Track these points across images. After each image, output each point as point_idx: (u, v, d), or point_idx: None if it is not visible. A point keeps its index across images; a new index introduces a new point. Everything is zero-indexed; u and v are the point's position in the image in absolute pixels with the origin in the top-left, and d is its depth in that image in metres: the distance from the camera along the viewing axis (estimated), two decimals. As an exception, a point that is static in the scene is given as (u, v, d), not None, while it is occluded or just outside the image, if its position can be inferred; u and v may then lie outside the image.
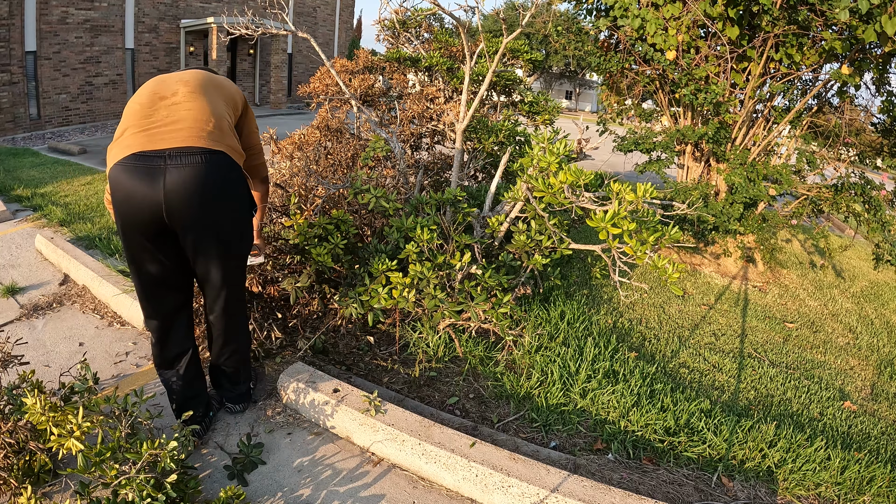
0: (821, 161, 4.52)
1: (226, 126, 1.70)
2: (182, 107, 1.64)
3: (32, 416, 1.53)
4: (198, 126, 1.61)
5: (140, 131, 1.58)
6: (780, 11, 3.66)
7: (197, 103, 1.66)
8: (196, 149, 1.57)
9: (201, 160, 1.57)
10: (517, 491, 1.73)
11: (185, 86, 1.71)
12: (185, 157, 1.55)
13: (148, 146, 1.54)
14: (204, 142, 1.59)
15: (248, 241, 1.86)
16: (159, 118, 1.61)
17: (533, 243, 2.37)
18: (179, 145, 1.55)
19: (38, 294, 3.10)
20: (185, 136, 1.57)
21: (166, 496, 1.47)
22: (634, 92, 5.45)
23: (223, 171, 1.63)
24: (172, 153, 1.54)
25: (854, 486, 2.03)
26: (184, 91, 1.68)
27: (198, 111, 1.64)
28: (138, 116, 1.62)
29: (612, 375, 2.50)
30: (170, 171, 1.53)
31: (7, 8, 9.85)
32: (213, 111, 1.68)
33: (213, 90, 1.77)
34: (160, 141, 1.55)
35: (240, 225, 1.78)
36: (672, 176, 5.48)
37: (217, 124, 1.65)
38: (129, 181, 1.53)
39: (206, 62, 14.97)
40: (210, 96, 1.72)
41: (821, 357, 3.45)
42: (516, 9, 25.42)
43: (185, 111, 1.63)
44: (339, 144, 3.79)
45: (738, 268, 4.79)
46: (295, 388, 2.16)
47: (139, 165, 1.53)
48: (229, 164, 1.66)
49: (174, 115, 1.61)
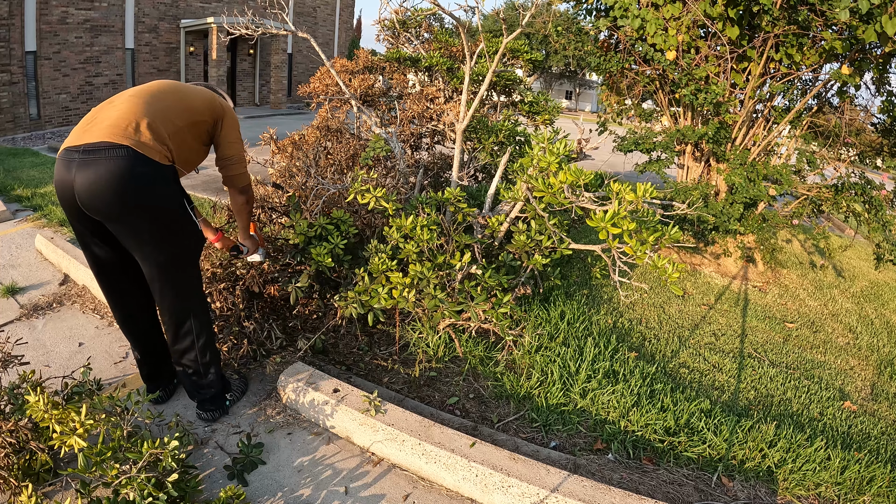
0: (821, 161, 4.52)
1: (150, 127, 1.71)
2: (115, 108, 1.73)
3: (35, 414, 1.53)
4: (117, 124, 1.67)
5: (77, 130, 1.71)
6: (781, 11, 3.66)
7: (129, 105, 1.73)
8: (104, 144, 1.63)
9: (105, 155, 1.63)
10: (517, 491, 1.73)
11: (133, 91, 1.80)
12: (92, 153, 1.63)
13: (72, 142, 1.67)
14: (115, 138, 1.64)
15: (179, 239, 1.84)
16: (96, 118, 1.72)
17: (533, 243, 2.37)
18: (92, 141, 1.64)
19: (38, 294, 3.10)
20: (100, 133, 1.65)
21: (167, 495, 1.47)
22: (634, 92, 5.45)
23: (129, 166, 1.64)
24: (84, 148, 1.63)
25: (854, 486, 2.03)
26: (129, 94, 1.78)
27: (125, 111, 1.70)
28: (87, 116, 1.76)
29: (612, 375, 2.50)
30: (78, 165, 1.63)
31: (7, 8, 9.85)
32: (144, 112, 1.72)
33: (163, 98, 1.81)
34: (82, 137, 1.66)
35: (159, 221, 1.76)
36: (672, 176, 5.48)
37: (139, 124, 1.69)
38: (57, 172, 1.68)
39: (206, 62, 14.97)
40: (151, 101, 1.77)
41: (821, 357, 3.45)
42: (516, 9, 25.43)
43: (115, 111, 1.71)
44: (339, 144, 3.80)
45: (738, 268, 4.79)
46: (295, 388, 2.16)
47: (63, 159, 1.67)
48: (137, 159, 1.65)
49: (105, 114, 1.72)
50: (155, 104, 1.77)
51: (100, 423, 1.59)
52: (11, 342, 2.00)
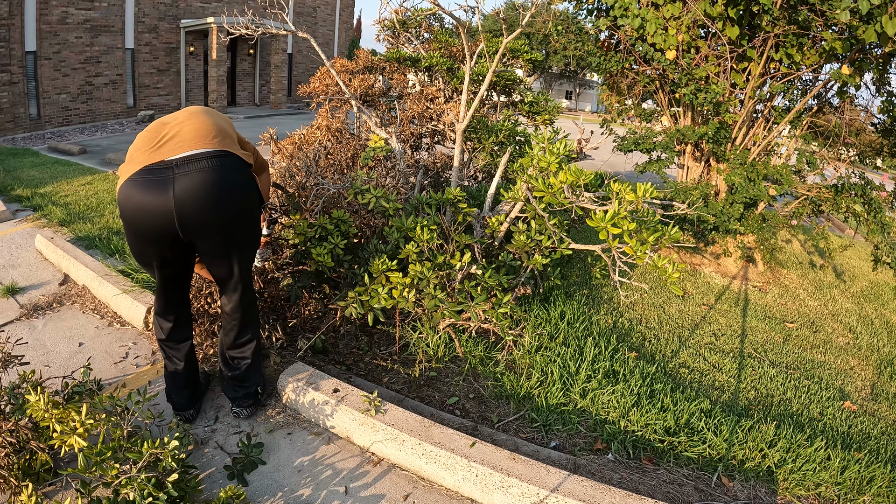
0: (821, 161, 4.52)
1: (230, 134, 1.77)
2: (185, 124, 1.69)
3: (35, 413, 1.54)
4: (201, 134, 1.66)
5: (146, 150, 1.63)
6: (781, 11, 3.66)
7: (198, 118, 1.72)
8: (202, 153, 1.62)
9: (208, 164, 1.62)
10: (517, 491, 1.73)
11: (185, 112, 1.78)
12: (192, 164, 1.60)
13: (154, 159, 1.59)
14: (209, 145, 1.64)
15: (258, 236, 1.96)
16: (164, 137, 1.66)
17: (533, 243, 2.37)
18: (185, 152, 1.60)
19: (38, 294, 3.10)
20: (190, 144, 1.63)
21: (167, 495, 1.47)
22: (634, 92, 5.45)
23: (232, 171, 1.68)
24: (179, 162, 1.59)
25: (854, 486, 2.03)
26: (185, 114, 1.75)
27: (200, 123, 1.70)
28: (144, 141, 1.68)
29: (612, 375, 2.50)
30: (178, 179, 1.58)
31: (7, 8, 9.85)
32: (216, 124, 1.75)
33: (210, 114, 1.84)
34: (166, 153, 1.60)
35: (252, 223, 1.86)
36: (672, 176, 5.48)
37: (220, 132, 1.72)
38: (139, 195, 1.58)
39: (206, 62, 14.97)
40: (209, 115, 1.79)
41: (821, 357, 3.45)
42: (516, 9, 25.42)
43: (188, 125, 1.68)
44: (339, 144, 3.80)
45: (738, 268, 4.79)
46: (295, 388, 2.16)
47: (148, 179, 1.58)
48: (237, 164, 1.71)
49: (178, 131, 1.67)
50: (217, 118, 1.80)
51: (100, 423, 1.59)
52: (12, 342, 2.00)
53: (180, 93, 14.55)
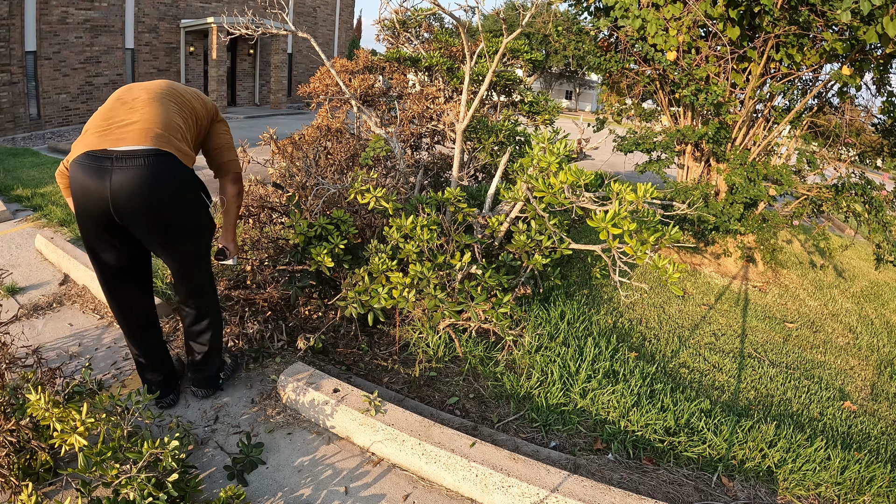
0: (821, 161, 4.52)
1: (175, 132, 1.77)
2: (136, 111, 1.72)
3: (36, 413, 1.53)
4: (148, 126, 1.69)
5: (97, 132, 1.68)
6: (781, 12, 3.66)
7: (150, 108, 1.74)
8: (141, 150, 1.65)
9: (144, 162, 1.65)
10: (517, 491, 1.73)
11: (145, 92, 1.80)
12: (129, 160, 1.63)
13: (99, 145, 1.64)
14: (151, 142, 1.67)
15: (204, 234, 1.95)
16: (115, 120, 1.70)
17: (533, 243, 2.37)
18: (126, 146, 1.64)
19: (38, 294, 3.10)
20: (132, 137, 1.65)
21: (167, 495, 1.47)
22: (634, 92, 5.45)
23: (167, 172, 1.70)
24: (119, 155, 1.63)
25: (854, 486, 2.03)
26: (143, 97, 1.77)
27: (151, 115, 1.72)
28: (100, 118, 1.73)
29: (612, 375, 2.50)
30: (115, 171, 1.62)
31: (7, 8, 9.85)
32: (165, 117, 1.75)
33: (171, 100, 1.84)
34: (111, 142, 1.64)
35: (188, 222, 1.86)
36: (672, 176, 5.48)
37: (166, 128, 1.73)
38: (82, 177, 1.64)
39: (206, 62, 14.98)
40: (165, 105, 1.80)
41: (821, 357, 3.45)
42: (516, 9, 25.42)
43: (138, 114, 1.72)
44: (339, 144, 3.80)
45: (738, 268, 4.79)
46: (295, 388, 2.16)
47: (90, 164, 1.63)
48: (174, 165, 1.72)
49: (128, 117, 1.71)
50: (173, 107, 1.81)
51: (100, 423, 1.59)
52: (12, 342, 2.00)
53: (180, 93, 14.54)
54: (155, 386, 2.09)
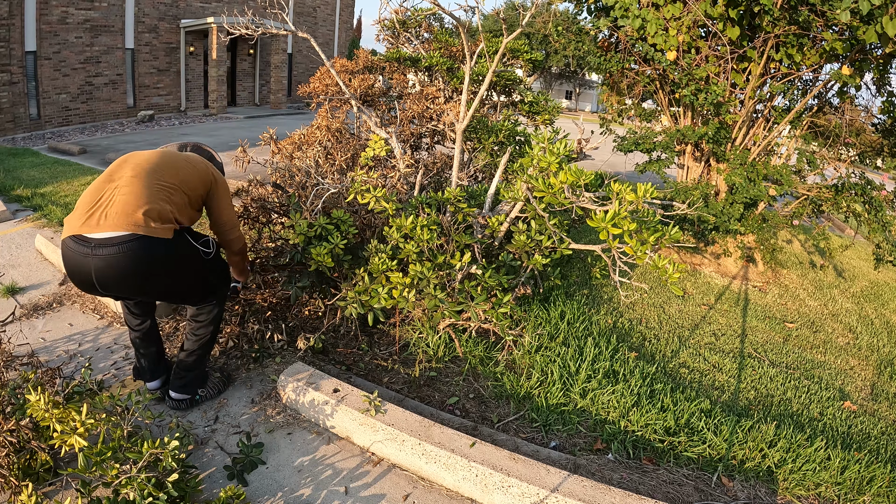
0: (821, 161, 4.52)
1: (155, 208, 1.79)
2: (118, 192, 1.78)
3: (36, 413, 1.53)
4: (125, 212, 1.73)
5: (82, 214, 1.75)
6: (781, 12, 3.65)
7: (130, 188, 1.79)
8: (115, 238, 1.71)
9: (119, 249, 1.71)
10: (517, 491, 1.73)
11: (132, 169, 1.85)
12: (105, 248, 1.70)
13: (82, 230, 1.72)
14: (123, 228, 1.71)
15: (200, 270, 2.00)
16: (99, 201, 1.77)
17: (533, 243, 2.37)
18: (102, 234, 1.71)
19: (38, 294, 3.10)
20: (109, 223, 1.71)
21: (167, 495, 1.47)
22: (634, 92, 5.45)
23: (141, 254, 1.74)
24: (96, 243, 1.71)
25: (854, 486, 2.03)
26: (127, 175, 1.83)
27: (128, 196, 1.76)
28: (89, 196, 1.80)
29: (612, 375, 2.50)
30: (94, 258, 1.71)
31: (7, 8, 9.85)
32: (141, 197, 1.78)
33: (155, 176, 1.87)
34: (92, 227, 1.71)
35: (184, 278, 1.95)
36: (672, 176, 5.48)
37: (140, 210, 1.75)
38: (69, 257, 1.75)
39: (206, 62, 14.97)
40: (147, 183, 1.83)
41: (821, 357, 3.45)
42: (516, 9, 25.41)
43: (120, 196, 1.77)
44: (339, 144, 3.79)
45: (738, 268, 4.79)
46: (295, 388, 2.16)
47: (74, 248, 1.73)
48: (149, 245, 1.75)
49: (110, 199, 1.77)
50: (155, 184, 1.85)
51: (100, 423, 1.59)
52: (12, 343, 2.00)
53: (180, 93, 14.55)
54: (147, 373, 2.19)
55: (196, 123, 13.20)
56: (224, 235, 2.18)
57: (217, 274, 2.12)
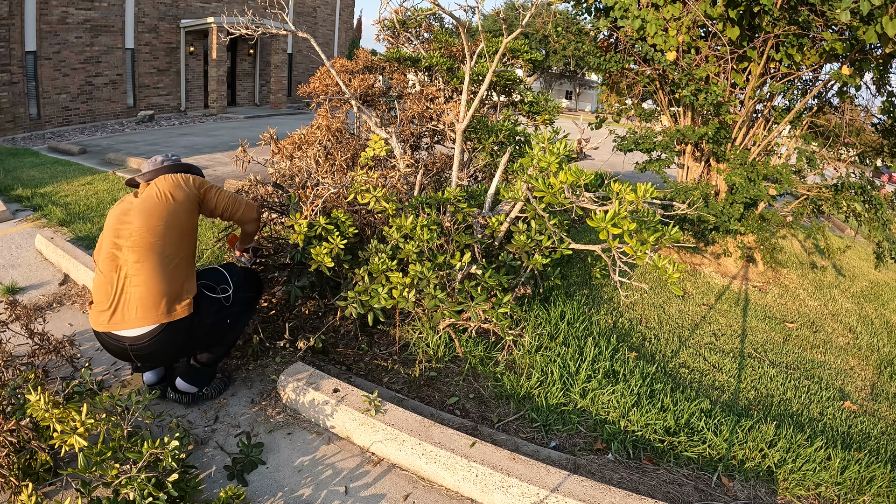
0: (821, 161, 4.52)
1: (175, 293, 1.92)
2: (130, 283, 1.87)
3: (36, 413, 1.53)
4: (146, 306, 1.86)
5: (104, 309, 1.88)
6: (781, 12, 3.66)
7: (143, 277, 1.87)
8: (145, 334, 1.88)
9: (152, 342, 1.89)
10: (517, 491, 1.73)
11: (133, 253, 1.88)
12: (140, 342, 1.88)
13: (110, 329, 1.87)
14: (150, 322, 1.87)
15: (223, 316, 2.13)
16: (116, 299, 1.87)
17: (533, 243, 2.37)
18: (132, 331, 1.86)
19: (39, 294, 3.10)
20: (137, 319, 1.86)
21: (167, 495, 1.47)
22: (634, 92, 5.45)
23: (173, 336, 1.92)
24: (131, 341, 1.88)
25: (854, 486, 2.03)
26: (132, 261, 1.88)
27: (144, 289, 1.87)
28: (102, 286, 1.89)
29: (612, 375, 2.50)
30: (132, 348, 1.90)
31: (7, 8, 9.85)
32: (160, 285, 1.89)
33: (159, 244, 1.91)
34: (118, 324, 1.86)
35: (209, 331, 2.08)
36: (672, 176, 5.48)
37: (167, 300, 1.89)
38: (106, 343, 1.93)
39: (206, 62, 14.97)
40: (156, 261, 1.90)
41: (821, 357, 3.45)
42: (516, 9, 25.43)
43: (134, 288, 1.87)
44: (339, 144, 3.79)
45: (738, 268, 4.79)
46: (295, 388, 2.16)
47: (109, 341, 1.91)
48: (175, 328, 1.92)
49: (125, 292, 1.87)
50: (160, 262, 1.91)
51: (100, 423, 1.59)
52: (12, 343, 2.00)
53: (180, 93, 14.55)
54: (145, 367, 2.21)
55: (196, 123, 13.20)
56: (233, 217, 2.21)
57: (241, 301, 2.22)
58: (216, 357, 2.20)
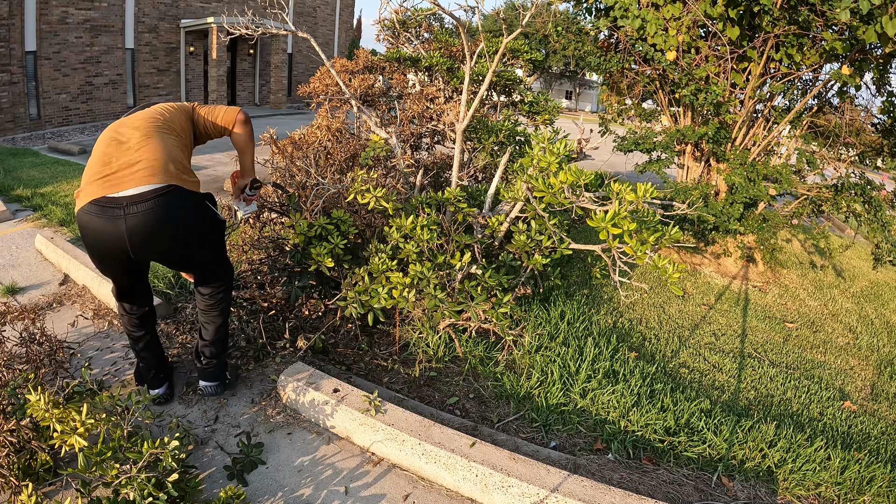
0: (821, 161, 4.52)
1: (177, 163, 1.83)
2: (136, 151, 1.77)
3: (36, 413, 1.53)
4: (150, 166, 1.74)
5: (100, 178, 1.71)
6: (781, 12, 3.66)
7: (149, 146, 1.79)
8: (149, 192, 1.70)
9: (155, 203, 1.71)
10: (517, 491, 1.73)
11: (137, 131, 1.84)
12: (140, 204, 1.69)
13: (106, 192, 1.68)
14: (156, 181, 1.72)
15: (217, 238, 2.07)
16: (116, 164, 1.74)
17: (533, 243, 2.37)
18: (135, 189, 1.69)
19: (39, 294, 3.10)
20: (140, 177, 1.71)
21: (167, 495, 1.47)
22: (634, 92, 5.45)
23: (178, 205, 1.78)
24: (128, 201, 1.68)
25: (854, 486, 2.03)
26: (137, 136, 1.82)
27: (150, 153, 1.77)
28: (99, 164, 1.75)
29: (612, 375, 2.50)
30: (128, 217, 1.68)
31: (7, 8, 9.85)
32: (164, 151, 1.81)
33: (163, 129, 1.89)
34: (118, 185, 1.69)
35: (203, 240, 1.98)
36: (672, 176, 5.48)
37: (168, 162, 1.79)
38: (94, 224, 1.70)
39: (206, 62, 14.96)
40: (161, 138, 1.85)
41: (821, 357, 3.45)
42: (516, 9, 25.44)
43: (139, 154, 1.76)
44: (339, 144, 3.80)
45: (738, 268, 4.79)
46: (295, 388, 2.16)
47: (101, 212, 1.68)
48: (182, 196, 1.79)
49: (130, 158, 1.75)
50: (166, 138, 1.86)
51: (100, 423, 1.59)
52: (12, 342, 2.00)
53: (180, 93, 14.54)
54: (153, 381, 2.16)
55: (196, 123, 13.18)
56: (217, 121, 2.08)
57: (224, 247, 2.15)
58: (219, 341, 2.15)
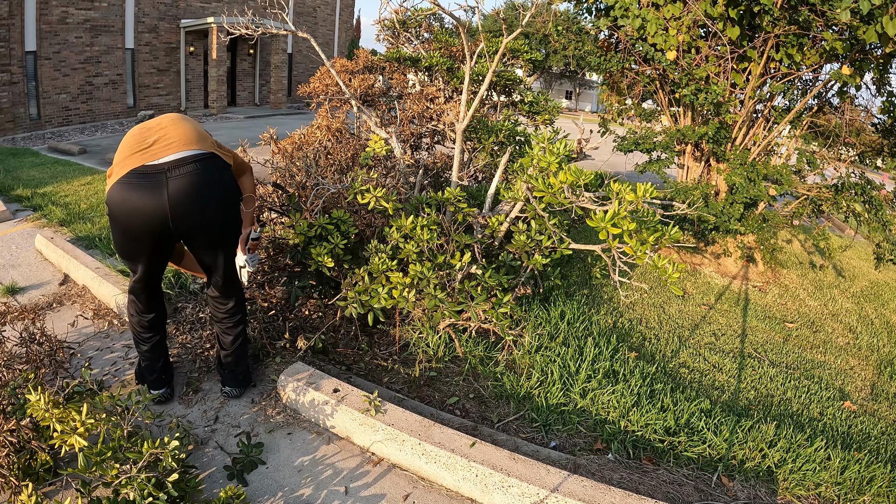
0: (821, 161, 4.52)
1: (209, 138, 1.94)
2: (170, 129, 1.84)
3: (36, 413, 1.53)
4: (187, 138, 1.82)
5: (136, 153, 1.75)
6: (781, 12, 3.65)
7: (181, 124, 1.88)
8: (191, 156, 1.77)
9: (197, 167, 1.77)
10: (517, 491, 1.73)
11: (167, 118, 1.92)
12: (183, 167, 1.74)
13: (145, 161, 1.72)
14: (196, 147, 1.80)
15: (239, 228, 2.10)
16: (151, 141, 1.79)
17: (533, 243, 2.37)
18: (175, 155, 1.74)
19: (39, 294, 3.10)
20: (178, 146, 1.77)
21: (167, 495, 1.47)
22: (634, 92, 5.45)
23: (218, 172, 1.86)
24: (171, 165, 1.72)
25: (854, 486, 2.03)
26: (168, 120, 1.90)
27: (184, 129, 1.85)
28: (132, 144, 1.80)
29: (612, 375, 2.50)
30: (171, 182, 1.72)
31: (7, 8, 9.85)
32: (196, 129, 1.91)
33: (191, 120, 1.98)
34: (156, 154, 1.74)
35: (234, 217, 2.02)
36: (672, 176, 5.48)
37: (201, 137, 1.89)
38: (134, 197, 1.70)
39: (206, 62, 14.97)
40: (191, 122, 1.96)
41: (821, 357, 3.45)
42: (516, 9, 25.42)
43: (174, 130, 1.83)
44: (339, 144, 3.79)
45: (738, 268, 4.79)
46: (295, 388, 2.16)
47: (141, 182, 1.70)
48: (221, 165, 1.88)
49: (164, 135, 1.81)
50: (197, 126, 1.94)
51: (100, 423, 1.59)
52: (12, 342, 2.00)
53: (180, 93, 14.55)
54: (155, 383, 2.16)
55: (196, 123, 13.18)
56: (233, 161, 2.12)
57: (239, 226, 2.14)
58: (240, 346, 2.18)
